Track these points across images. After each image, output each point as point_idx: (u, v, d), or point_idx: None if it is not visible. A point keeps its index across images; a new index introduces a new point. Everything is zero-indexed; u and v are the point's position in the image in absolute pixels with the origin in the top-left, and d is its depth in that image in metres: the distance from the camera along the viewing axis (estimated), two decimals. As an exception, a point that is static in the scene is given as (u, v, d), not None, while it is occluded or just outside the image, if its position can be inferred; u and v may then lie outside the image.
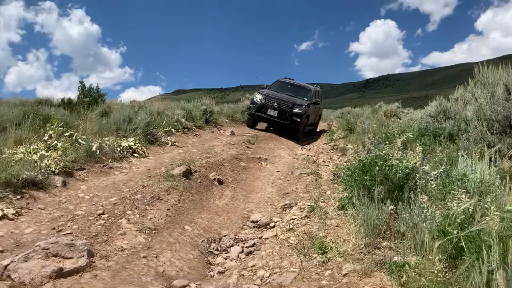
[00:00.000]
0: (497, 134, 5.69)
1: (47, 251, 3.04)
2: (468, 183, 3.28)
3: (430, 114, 8.07)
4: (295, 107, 12.86)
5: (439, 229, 2.36)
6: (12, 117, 7.57)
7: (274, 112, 12.82)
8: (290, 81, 15.46)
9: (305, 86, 15.09)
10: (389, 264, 2.56)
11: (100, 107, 9.75)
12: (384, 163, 3.77)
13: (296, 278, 2.99)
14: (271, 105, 12.94)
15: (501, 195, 2.89)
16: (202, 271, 3.51)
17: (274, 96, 13.35)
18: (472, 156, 3.90)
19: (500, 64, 6.46)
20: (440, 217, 2.50)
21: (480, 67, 6.50)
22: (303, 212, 4.68)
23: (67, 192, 4.96)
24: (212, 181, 6.00)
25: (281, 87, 14.74)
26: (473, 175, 3.38)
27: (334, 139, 12.37)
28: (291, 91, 14.46)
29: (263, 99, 13.15)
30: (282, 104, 12.91)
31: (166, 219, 4.33)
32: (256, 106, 13.23)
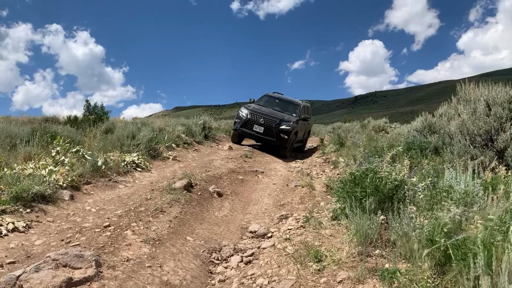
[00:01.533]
0: (479, 148, 5.76)
1: (57, 262, 3.04)
2: (454, 194, 3.33)
3: (416, 129, 8.16)
4: (282, 124, 11.82)
5: (427, 237, 2.39)
6: (22, 134, 7.58)
7: (260, 128, 11.77)
8: (278, 96, 14.37)
9: (294, 101, 14.05)
10: (381, 271, 2.59)
11: (105, 124, 9.77)
12: (374, 175, 3.81)
13: (294, 285, 3.01)
14: (257, 120, 11.87)
15: (484, 205, 2.93)
16: (204, 280, 3.51)
17: (260, 111, 12.26)
18: (456, 169, 3.95)
19: (481, 81, 6.56)
20: (428, 227, 2.53)
21: (462, 85, 6.60)
22: (298, 222, 4.69)
23: (75, 205, 4.96)
24: (212, 193, 6.02)
25: (268, 101, 13.68)
26: (458, 187, 3.42)
27: (326, 152, 12.42)
28: (279, 106, 13.45)
29: (249, 114, 12.06)
30: (269, 120, 11.85)
31: (169, 230, 4.33)
32: (241, 121, 12.12)
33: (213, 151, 10.61)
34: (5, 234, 3.82)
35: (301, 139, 14.07)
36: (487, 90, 5.97)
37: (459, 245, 2.06)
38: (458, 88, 6.63)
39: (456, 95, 6.72)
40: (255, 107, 12.52)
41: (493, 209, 3.08)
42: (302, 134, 13.91)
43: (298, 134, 12.75)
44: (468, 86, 6.50)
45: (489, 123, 5.60)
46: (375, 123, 15.02)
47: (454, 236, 2.16)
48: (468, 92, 6.43)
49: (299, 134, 13.00)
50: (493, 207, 3.12)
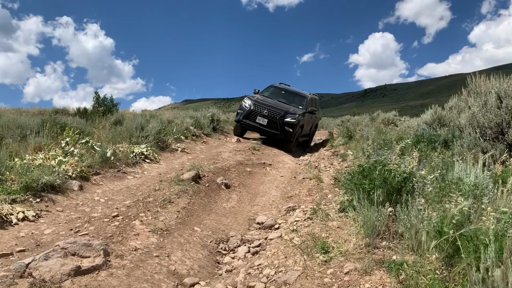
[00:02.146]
0: (490, 141, 5.69)
1: (66, 251, 3.07)
2: (463, 186, 3.29)
3: (426, 121, 8.08)
4: (287, 116, 11.17)
5: (435, 229, 2.37)
6: (32, 126, 7.65)
7: (264, 120, 11.14)
8: (284, 87, 13.52)
9: (301, 93, 13.24)
10: (388, 263, 2.57)
11: (114, 116, 9.81)
12: (383, 167, 3.78)
13: (300, 276, 3.01)
14: (260, 112, 11.23)
15: (493, 197, 2.89)
16: (211, 270, 3.52)
17: (265, 102, 11.59)
18: (466, 161, 3.91)
19: (492, 74, 6.46)
20: (436, 218, 2.51)
21: (473, 77, 6.51)
22: (306, 214, 4.69)
23: (84, 195, 5.00)
24: (220, 185, 6.02)
25: (274, 93, 12.95)
26: (467, 179, 3.38)
27: (335, 145, 12.37)
28: (285, 97, 12.72)
29: (252, 105, 11.41)
30: (273, 111, 11.21)
31: (177, 220, 4.35)
32: (244, 112, 11.48)
33: (221, 143, 10.62)
34: (15, 223, 3.87)
35: (307, 133, 13.38)
36: (498, 83, 5.88)
37: (470, 237, 2.03)
38: (468, 81, 6.54)
39: (467, 88, 6.63)
40: (259, 98, 11.85)
41: (503, 202, 3.05)
42: (309, 128, 13.29)
43: (304, 127, 12.12)
44: (478, 79, 6.41)
45: (500, 115, 5.53)
46: (384, 116, 14.92)
47: (465, 228, 2.14)
48: (478, 85, 6.35)
49: (305, 128, 12.38)
50: (503, 200, 3.09)
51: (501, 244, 1.79)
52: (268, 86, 13.43)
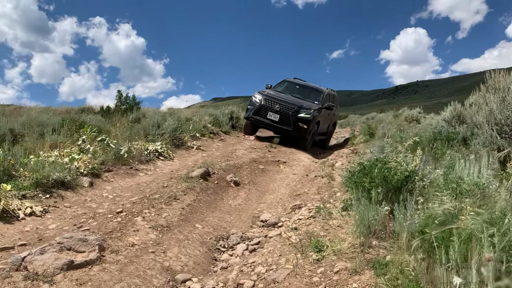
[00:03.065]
0: (507, 138, 5.49)
1: (62, 245, 3.16)
2: (463, 186, 3.19)
3: (444, 119, 7.86)
4: (301, 111, 10.37)
5: (419, 229, 2.31)
6: (52, 124, 7.89)
7: (276, 116, 10.37)
8: (299, 82, 12.64)
9: (317, 88, 12.38)
10: (373, 263, 2.53)
11: (134, 114, 10.00)
12: (383, 165, 3.71)
13: (290, 274, 2.99)
14: (272, 107, 10.47)
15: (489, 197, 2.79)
16: (207, 267, 3.55)
17: (276, 97, 10.83)
18: (474, 159, 3.78)
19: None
20: (420, 218, 2.44)
21: (492, 73, 6.29)
22: (310, 212, 4.65)
23: (93, 192, 5.12)
24: (229, 182, 6.05)
25: (287, 87, 12.12)
26: (468, 178, 3.28)
27: (356, 143, 12.22)
28: (299, 92, 11.87)
29: (262, 100, 10.64)
30: (286, 106, 10.44)
31: (179, 217, 4.40)
32: (253, 108, 10.70)
33: (238, 141, 10.65)
34: (22, 218, 4.00)
35: (324, 131, 12.46)
36: (517, 78, 5.66)
37: (443, 238, 1.97)
38: (486, 76, 6.33)
39: (485, 83, 6.41)
40: (270, 93, 11.11)
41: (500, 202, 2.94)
42: (326, 126, 12.41)
43: (320, 124, 11.29)
44: (498, 74, 6.18)
45: (518, 112, 5.32)
46: (408, 113, 14.61)
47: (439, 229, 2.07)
48: (497, 80, 6.12)
49: (321, 125, 11.53)
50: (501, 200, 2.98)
51: (467, 246, 1.73)
52: (281, 81, 12.59)
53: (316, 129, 11.05)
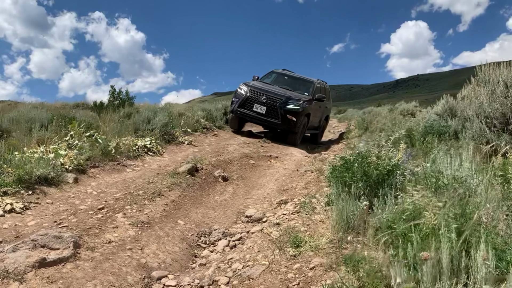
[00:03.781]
0: (496, 131, 5.45)
1: (36, 243, 3.12)
2: (442, 180, 3.15)
3: (436, 112, 7.81)
4: (289, 103, 9.87)
5: (387, 224, 2.28)
6: (41, 119, 7.85)
7: (262, 108, 9.83)
8: (287, 73, 12.13)
9: (307, 79, 11.87)
10: (345, 259, 2.49)
11: (125, 109, 9.95)
12: (363, 160, 3.67)
13: (265, 271, 2.96)
14: (258, 99, 9.92)
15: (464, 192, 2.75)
16: (185, 263, 3.52)
17: (263, 88, 10.27)
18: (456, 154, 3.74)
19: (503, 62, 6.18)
20: (388, 213, 2.41)
21: (482, 66, 6.24)
22: (296, 207, 4.62)
23: (77, 188, 5.08)
24: (217, 178, 6.01)
25: (276, 79, 11.66)
26: (447, 172, 3.24)
27: (350, 137, 12.18)
28: (288, 84, 11.38)
29: (248, 91, 10.10)
30: (273, 98, 9.90)
31: (162, 213, 4.37)
32: (239, 100, 10.18)
33: (232, 136, 10.60)
34: (1, 215, 3.96)
35: (316, 125, 11.95)
36: (507, 71, 5.61)
37: (404, 234, 1.94)
38: (477, 69, 6.28)
39: (476, 77, 6.36)
40: (256, 84, 10.56)
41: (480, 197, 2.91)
42: (318, 119, 11.86)
43: (311, 118, 10.79)
44: (488, 67, 6.13)
45: (506, 105, 5.27)
46: (403, 107, 14.55)
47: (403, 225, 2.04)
48: (488, 73, 6.07)
49: (312, 119, 10.98)
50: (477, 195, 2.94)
51: (423, 243, 1.69)
52: (269, 72, 12.08)
53: (307, 122, 10.57)
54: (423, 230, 1.86)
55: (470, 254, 1.62)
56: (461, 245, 1.71)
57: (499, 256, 1.89)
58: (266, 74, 11.93)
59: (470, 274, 1.58)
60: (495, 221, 2.21)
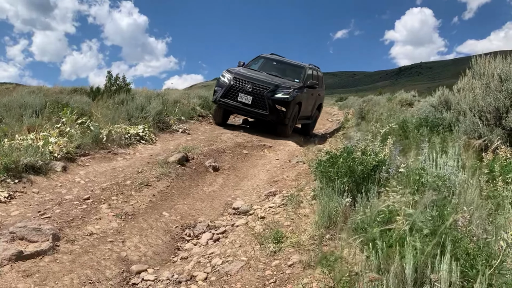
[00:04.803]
0: (489, 126, 5.38)
1: (14, 235, 3.10)
2: (426, 178, 3.10)
3: (432, 104, 7.74)
4: (278, 91, 9.00)
5: (362, 226, 2.24)
6: (35, 105, 7.78)
7: (248, 98, 8.94)
8: (276, 58, 11.19)
9: (297, 64, 10.97)
10: (319, 258, 2.46)
11: (120, 96, 9.86)
12: (348, 155, 3.62)
13: (243, 267, 2.94)
14: (243, 87, 9.03)
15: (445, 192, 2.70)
16: (167, 257, 3.50)
17: (248, 75, 9.35)
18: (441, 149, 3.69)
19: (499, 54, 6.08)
20: (361, 215, 2.37)
21: (477, 58, 6.14)
22: (283, 200, 4.59)
23: (65, 176, 5.05)
24: (207, 168, 5.98)
25: (264, 65, 10.74)
26: (431, 169, 3.19)
27: (347, 127, 12.12)
28: (277, 70, 10.50)
29: (232, 79, 9.18)
30: (260, 86, 9.01)
31: (148, 205, 4.34)
32: (222, 89, 9.25)
33: (228, 124, 10.54)
34: (-16, 204, 3.94)
35: (307, 115, 11.05)
36: (502, 64, 5.52)
37: (373, 239, 1.90)
38: (472, 62, 6.18)
39: (471, 69, 6.26)
40: (240, 71, 9.58)
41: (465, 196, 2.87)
42: (310, 108, 10.99)
43: (302, 107, 9.93)
44: (484, 59, 6.03)
45: (500, 99, 5.19)
46: (402, 96, 14.44)
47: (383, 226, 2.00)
48: (483, 66, 5.98)
49: (304, 108, 10.15)
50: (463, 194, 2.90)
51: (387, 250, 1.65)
52: (256, 57, 11.13)
53: (298, 112, 9.77)
54: (393, 237, 1.82)
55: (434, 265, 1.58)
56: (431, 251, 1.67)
57: (470, 263, 1.85)
58: (253, 59, 11.01)
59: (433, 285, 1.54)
60: (472, 224, 2.16)
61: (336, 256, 2.50)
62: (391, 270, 1.53)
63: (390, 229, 1.95)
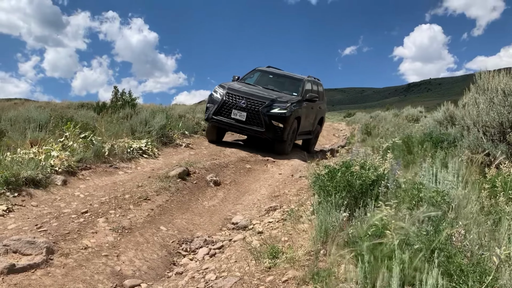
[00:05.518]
0: (493, 141, 5.32)
1: (8, 248, 3.09)
2: (424, 193, 3.05)
3: (437, 119, 7.69)
4: (274, 106, 8.43)
5: (353, 240, 2.20)
6: (40, 120, 7.86)
7: (242, 114, 8.40)
8: (273, 71, 10.65)
9: (295, 77, 10.40)
10: (313, 273, 2.41)
11: (125, 110, 9.95)
12: (347, 169, 3.58)
13: (237, 283, 2.89)
14: (236, 103, 8.47)
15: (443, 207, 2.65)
16: (162, 272, 3.46)
17: (242, 90, 8.81)
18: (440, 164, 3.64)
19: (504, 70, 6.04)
20: (353, 228, 2.33)
21: (482, 73, 6.11)
22: (283, 215, 4.54)
23: (65, 190, 5.05)
24: (208, 182, 5.95)
25: (259, 78, 10.25)
26: (430, 185, 3.14)
27: (353, 142, 12.06)
28: (274, 83, 9.97)
29: (224, 95, 8.62)
30: (254, 101, 8.45)
31: (146, 219, 4.32)
32: (214, 106, 8.68)
33: (233, 138, 10.54)
34: (-18, 217, 3.94)
35: (308, 130, 10.40)
36: (506, 79, 5.48)
37: (363, 254, 1.86)
38: (476, 77, 6.14)
39: (475, 84, 6.23)
40: (234, 85, 9.03)
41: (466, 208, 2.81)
42: (310, 122, 10.35)
43: (302, 122, 9.37)
44: (488, 75, 5.99)
45: (503, 114, 5.14)
46: (408, 112, 14.38)
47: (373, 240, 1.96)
48: (487, 81, 5.94)
49: (303, 123, 9.56)
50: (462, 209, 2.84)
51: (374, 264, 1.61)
52: (251, 70, 10.61)
53: (297, 128, 9.19)
54: (382, 251, 1.78)
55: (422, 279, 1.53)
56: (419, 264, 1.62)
57: (463, 279, 1.80)
58: (248, 73, 10.50)
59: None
60: (466, 240, 2.11)
61: (329, 272, 2.45)
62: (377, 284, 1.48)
63: (381, 243, 1.91)
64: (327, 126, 21.00)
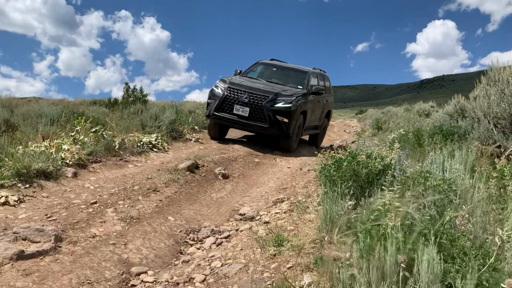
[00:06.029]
0: (504, 132, 5.25)
1: (17, 235, 3.14)
2: (431, 181, 3.03)
3: (447, 112, 7.61)
4: (278, 100, 8.01)
5: (355, 225, 2.19)
6: (52, 115, 7.97)
7: (244, 109, 8.00)
8: (276, 63, 10.20)
9: (299, 69, 9.91)
10: (315, 260, 2.42)
11: (136, 106, 10.03)
12: (353, 159, 3.57)
13: (242, 269, 2.90)
14: (238, 98, 8.07)
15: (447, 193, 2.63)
16: (169, 260, 3.48)
17: (244, 84, 8.41)
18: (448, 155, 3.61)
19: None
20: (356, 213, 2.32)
21: (493, 66, 6.04)
22: (290, 207, 4.55)
23: (75, 182, 5.11)
24: (217, 175, 5.98)
25: (263, 72, 9.80)
26: (437, 173, 3.12)
27: (363, 137, 12.00)
28: (277, 76, 9.56)
29: (226, 89, 8.22)
30: (257, 96, 8.03)
31: (154, 209, 4.35)
32: (215, 102, 8.28)
33: (243, 132, 10.54)
34: (-6, 207, 4.01)
35: (315, 125, 9.95)
36: (518, 69, 5.41)
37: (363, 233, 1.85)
38: (488, 68, 6.07)
39: (486, 76, 6.15)
40: (235, 80, 8.61)
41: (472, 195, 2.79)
42: (317, 117, 9.87)
43: (308, 116, 8.89)
44: (499, 65, 5.92)
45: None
46: (420, 107, 14.24)
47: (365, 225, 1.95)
48: (498, 72, 5.86)
49: (310, 117, 9.08)
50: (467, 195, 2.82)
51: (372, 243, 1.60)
52: (254, 64, 10.12)
53: (303, 123, 8.76)
54: (380, 231, 1.77)
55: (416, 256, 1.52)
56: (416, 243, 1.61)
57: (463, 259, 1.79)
58: (251, 66, 10.02)
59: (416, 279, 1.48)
60: (470, 224, 2.09)
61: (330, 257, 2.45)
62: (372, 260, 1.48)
63: (379, 225, 1.90)
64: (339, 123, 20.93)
